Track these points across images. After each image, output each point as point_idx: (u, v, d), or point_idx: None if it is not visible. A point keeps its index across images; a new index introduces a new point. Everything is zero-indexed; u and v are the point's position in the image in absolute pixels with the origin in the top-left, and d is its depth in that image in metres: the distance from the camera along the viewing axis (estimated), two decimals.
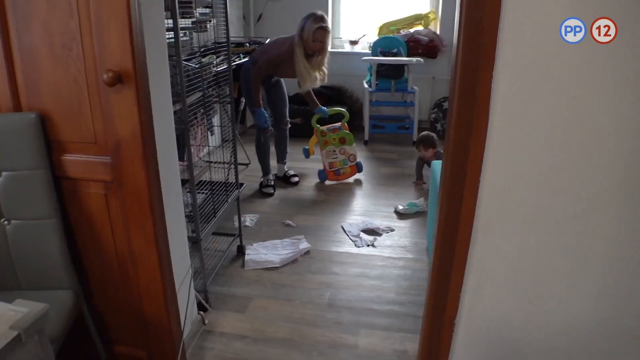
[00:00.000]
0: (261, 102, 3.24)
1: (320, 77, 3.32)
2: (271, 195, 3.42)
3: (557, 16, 1.05)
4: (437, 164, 2.63)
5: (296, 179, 3.66)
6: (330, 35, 3.28)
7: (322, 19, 3.13)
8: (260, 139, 3.46)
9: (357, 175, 3.82)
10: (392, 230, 2.93)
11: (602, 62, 1.07)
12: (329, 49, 3.34)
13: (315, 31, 3.10)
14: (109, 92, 1.30)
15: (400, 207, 3.17)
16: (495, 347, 1.46)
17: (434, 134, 3.56)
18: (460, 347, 1.47)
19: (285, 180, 3.66)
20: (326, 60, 3.31)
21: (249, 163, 4.01)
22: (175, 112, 1.84)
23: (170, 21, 1.67)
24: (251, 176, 3.73)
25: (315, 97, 3.67)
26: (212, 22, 2.38)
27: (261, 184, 3.52)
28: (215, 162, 2.35)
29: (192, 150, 2.50)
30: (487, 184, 1.26)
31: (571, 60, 1.08)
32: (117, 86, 1.27)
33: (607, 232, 1.24)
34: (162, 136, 1.53)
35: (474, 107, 1.18)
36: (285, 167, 3.71)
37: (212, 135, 2.93)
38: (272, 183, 3.51)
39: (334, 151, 3.69)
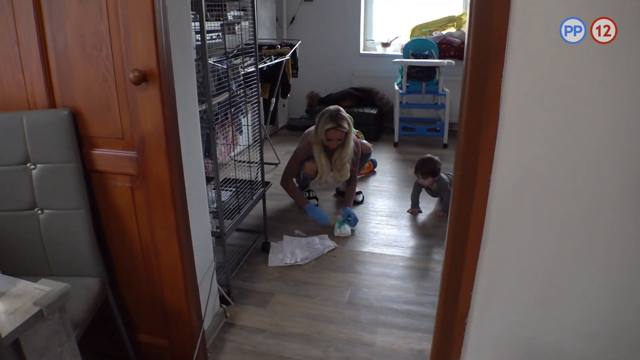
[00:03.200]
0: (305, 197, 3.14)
1: (339, 175, 3.13)
2: (315, 205, 3.23)
3: (561, 16, 1.05)
4: None
5: (360, 197, 3.43)
6: (345, 133, 3.01)
7: (334, 118, 2.96)
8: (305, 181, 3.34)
9: (385, 177, 3.84)
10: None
11: (602, 62, 1.06)
12: (352, 143, 3.10)
13: (327, 131, 2.97)
14: (135, 90, 1.37)
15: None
16: (507, 348, 1.45)
17: (437, 159, 3.13)
18: (472, 345, 1.47)
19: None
20: (348, 155, 3.08)
21: (279, 163, 4.08)
22: (205, 111, 1.92)
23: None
24: (279, 176, 3.78)
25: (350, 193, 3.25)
26: (241, 24, 2.44)
27: None
28: (242, 161, 2.42)
29: (223, 149, 2.59)
30: (498, 183, 1.26)
31: (574, 60, 1.08)
32: (142, 85, 1.35)
33: (620, 233, 1.22)
34: (187, 133, 1.60)
35: (484, 106, 1.18)
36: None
37: (241, 134, 3.01)
38: (314, 195, 3.39)
39: None
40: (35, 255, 1.54)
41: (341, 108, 3.09)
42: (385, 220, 3.08)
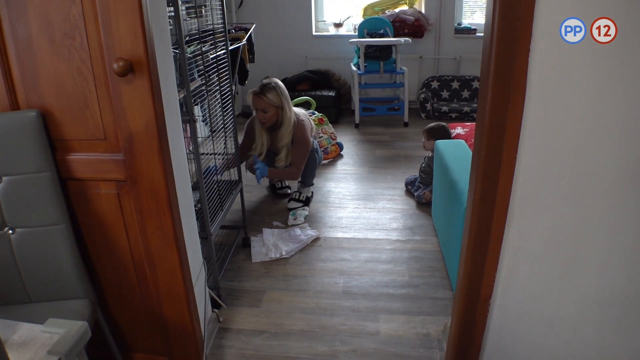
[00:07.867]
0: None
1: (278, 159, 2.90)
2: (289, 195, 3.11)
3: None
4: (440, 143, 2.59)
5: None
6: (269, 105, 2.74)
7: (262, 86, 2.75)
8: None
9: (353, 160, 3.79)
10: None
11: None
12: (289, 124, 2.81)
13: (251, 97, 2.80)
14: (118, 82, 1.20)
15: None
16: (529, 324, 1.44)
17: (449, 132, 3.07)
18: (494, 326, 1.45)
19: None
20: (285, 139, 2.84)
21: None
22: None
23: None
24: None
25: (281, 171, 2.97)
26: (207, 7, 2.25)
27: (274, 186, 3.24)
28: (220, 154, 2.26)
29: (186, 142, 2.40)
30: (523, 161, 1.21)
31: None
32: (129, 76, 1.17)
33: (638, 206, 1.22)
34: (172, 128, 1.44)
35: (511, 82, 1.13)
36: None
37: (206, 125, 2.83)
38: (287, 184, 3.24)
39: (319, 132, 3.77)
40: (9, 281, 1.34)
41: (278, 81, 2.83)
42: (363, 204, 3.03)
